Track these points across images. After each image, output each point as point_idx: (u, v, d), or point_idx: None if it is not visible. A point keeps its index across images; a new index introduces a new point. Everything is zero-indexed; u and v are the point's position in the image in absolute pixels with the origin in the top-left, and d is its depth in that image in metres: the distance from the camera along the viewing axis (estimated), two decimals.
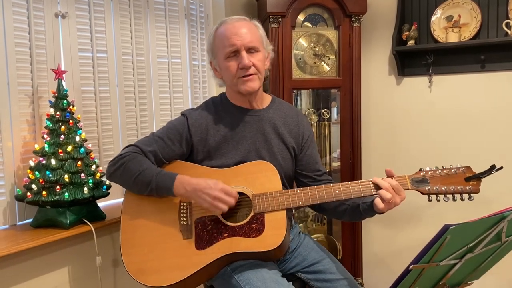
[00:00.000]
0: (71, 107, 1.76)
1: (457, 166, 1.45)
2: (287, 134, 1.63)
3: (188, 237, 1.47)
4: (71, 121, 1.75)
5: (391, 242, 2.79)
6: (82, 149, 1.76)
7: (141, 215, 1.51)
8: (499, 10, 2.34)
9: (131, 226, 1.51)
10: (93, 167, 1.78)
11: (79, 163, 1.73)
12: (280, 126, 1.62)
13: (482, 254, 1.31)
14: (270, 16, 2.31)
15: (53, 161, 1.67)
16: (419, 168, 1.47)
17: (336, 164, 2.61)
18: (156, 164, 1.53)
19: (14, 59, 1.73)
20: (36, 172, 1.68)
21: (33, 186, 1.67)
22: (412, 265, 1.19)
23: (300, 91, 2.66)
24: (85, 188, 1.72)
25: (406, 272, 1.21)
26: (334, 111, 2.67)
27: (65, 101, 1.74)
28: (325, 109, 2.63)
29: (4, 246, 1.53)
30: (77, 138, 1.75)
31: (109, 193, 1.84)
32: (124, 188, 1.57)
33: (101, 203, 1.92)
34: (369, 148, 2.75)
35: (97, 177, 1.79)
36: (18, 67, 1.75)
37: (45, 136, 1.73)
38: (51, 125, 1.72)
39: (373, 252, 2.81)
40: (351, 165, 2.47)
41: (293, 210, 1.68)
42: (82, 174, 1.72)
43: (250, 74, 1.51)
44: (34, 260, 1.68)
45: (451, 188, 1.42)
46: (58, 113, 1.73)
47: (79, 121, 1.80)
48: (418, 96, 2.62)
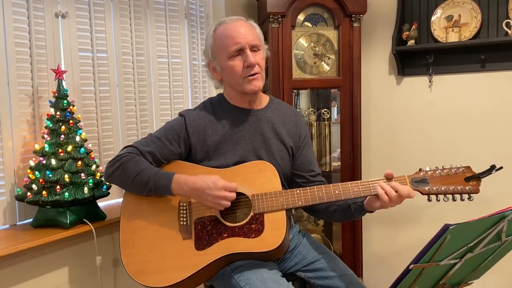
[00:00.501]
0: (71, 107, 1.76)
1: (457, 166, 1.45)
2: (286, 134, 1.63)
3: (188, 238, 1.47)
4: (71, 121, 1.75)
5: (391, 242, 2.79)
6: (82, 149, 1.76)
7: (141, 216, 1.51)
8: (499, 10, 2.34)
9: (131, 227, 1.50)
10: (93, 167, 1.79)
11: (79, 163, 1.73)
12: (279, 126, 1.62)
13: (482, 254, 1.31)
14: (270, 16, 2.31)
15: (53, 161, 1.67)
16: (419, 168, 1.47)
17: (336, 164, 2.61)
18: (155, 164, 1.53)
19: (14, 59, 1.73)
20: (36, 172, 1.68)
21: (33, 186, 1.67)
22: (412, 265, 1.19)
23: (300, 91, 2.66)
24: (85, 188, 1.72)
25: (406, 272, 1.21)
26: (334, 111, 2.67)
27: (65, 101, 1.74)
28: (325, 109, 2.63)
29: (4, 246, 1.53)
30: (77, 138, 1.75)
31: (109, 193, 1.84)
32: (123, 189, 1.57)
33: (101, 203, 1.92)
34: (369, 148, 2.75)
35: (97, 177, 1.79)
36: (18, 67, 1.75)
37: (45, 136, 1.73)
38: (51, 125, 1.72)
39: (373, 252, 2.81)
40: (351, 165, 2.47)
41: (293, 210, 1.67)
42: (82, 174, 1.72)
43: (255, 73, 1.51)
44: (34, 260, 1.68)
45: (451, 188, 1.42)
46: (58, 113, 1.73)
47: (79, 121, 1.80)
48: (418, 96, 2.62)
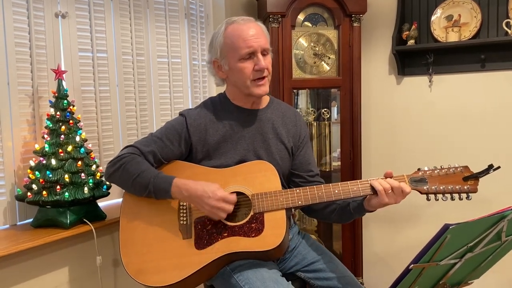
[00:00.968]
0: (71, 107, 1.76)
1: (455, 166, 1.45)
2: (285, 134, 1.63)
3: (188, 237, 1.47)
4: (71, 121, 1.75)
5: (391, 242, 2.79)
6: (82, 149, 1.76)
7: (140, 216, 1.51)
8: (499, 10, 2.34)
9: (130, 227, 1.51)
10: (93, 167, 1.79)
11: (79, 163, 1.74)
12: (279, 126, 1.62)
13: (482, 254, 1.31)
14: (270, 16, 2.31)
15: (54, 161, 1.68)
16: (418, 168, 1.47)
17: (336, 164, 2.61)
18: (156, 164, 1.53)
19: (14, 59, 1.73)
20: (37, 172, 1.68)
21: (34, 186, 1.67)
22: (412, 265, 1.19)
23: (300, 91, 2.66)
24: (85, 188, 1.72)
25: (406, 272, 1.21)
26: (334, 111, 2.67)
27: (65, 101, 1.74)
28: (325, 109, 2.63)
29: (5, 246, 1.53)
30: (77, 138, 1.75)
31: (110, 193, 1.84)
32: (124, 190, 1.57)
33: (101, 203, 1.92)
34: (369, 148, 2.75)
35: (97, 177, 1.79)
36: (18, 67, 1.75)
37: (45, 136, 1.73)
38: (51, 125, 1.72)
39: (373, 252, 2.81)
40: (351, 165, 2.47)
41: (292, 210, 1.68)
42: (82, 174, 1.72)
43: (263, 78, 1.52)
44: (34, 260, 1.68)
45: (449, 188, 1.42)
46: (58, 113, 1.73)
47: (79, 121, 1.80)
48: (418, 96, 2.62)
